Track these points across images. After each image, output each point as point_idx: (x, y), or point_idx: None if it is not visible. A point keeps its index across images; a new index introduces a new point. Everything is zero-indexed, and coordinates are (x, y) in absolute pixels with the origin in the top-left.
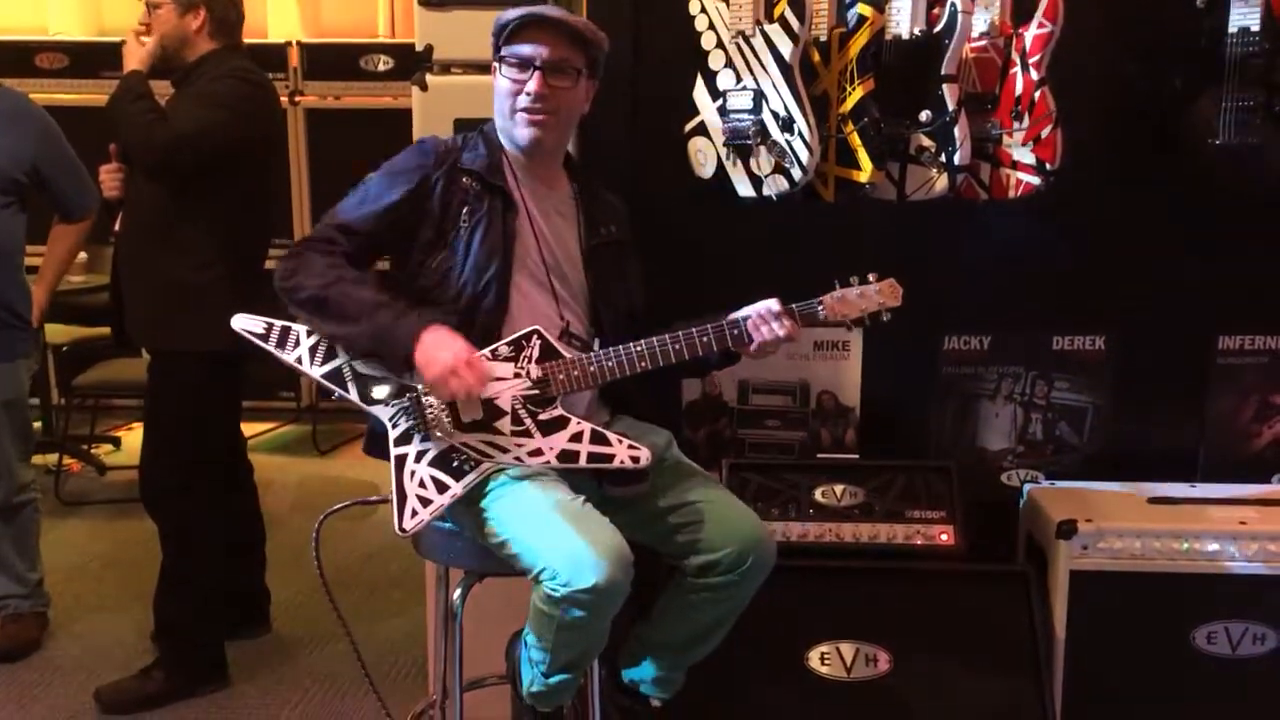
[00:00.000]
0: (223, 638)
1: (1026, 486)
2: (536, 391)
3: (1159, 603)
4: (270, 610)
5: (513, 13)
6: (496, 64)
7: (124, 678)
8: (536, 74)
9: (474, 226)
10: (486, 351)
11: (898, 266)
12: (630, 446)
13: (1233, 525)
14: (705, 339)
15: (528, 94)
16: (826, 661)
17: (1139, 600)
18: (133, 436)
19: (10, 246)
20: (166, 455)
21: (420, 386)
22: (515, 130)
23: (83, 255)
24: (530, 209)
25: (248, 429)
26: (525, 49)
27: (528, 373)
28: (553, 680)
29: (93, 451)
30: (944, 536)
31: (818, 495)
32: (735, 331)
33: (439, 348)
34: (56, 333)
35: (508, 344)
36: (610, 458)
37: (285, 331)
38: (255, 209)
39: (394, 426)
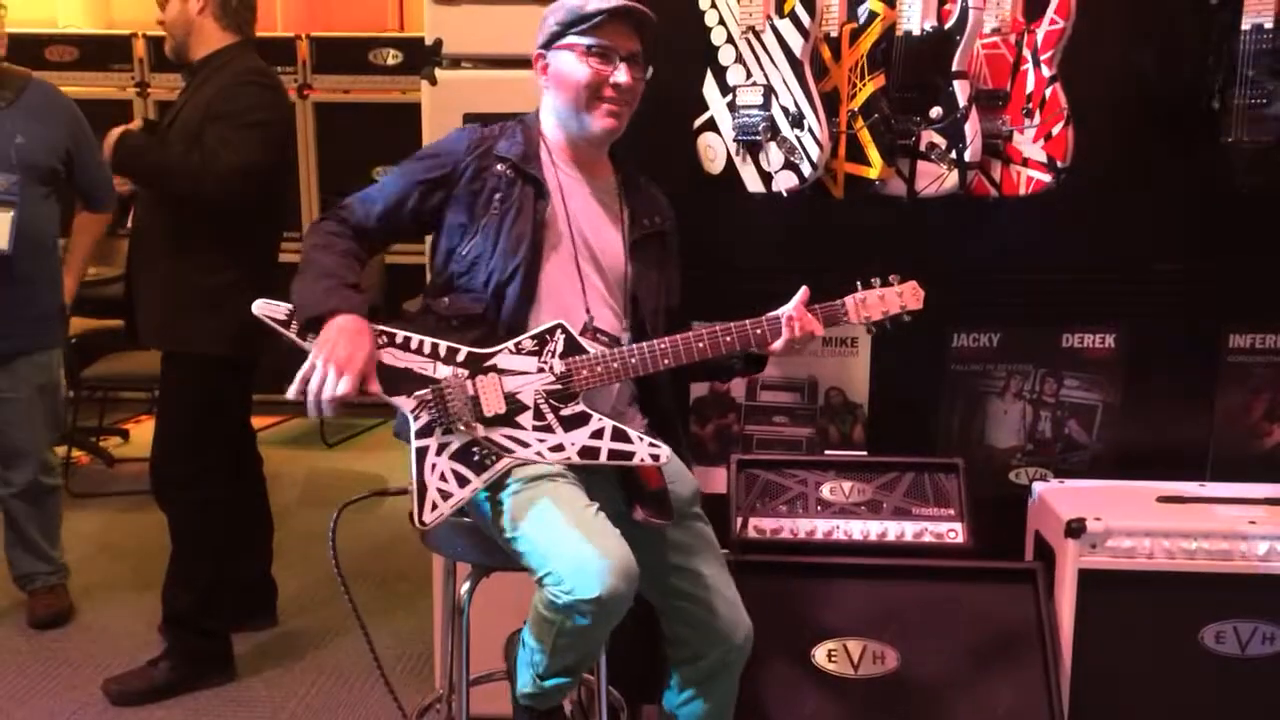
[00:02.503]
0: (230, 629)
1: (1035, 484)
2: (559, 387)
3: (1168, 602)
4: (277, 602)
5: (601, 2)
6: (570, 51)
7: (131, 669)
8: (624, 65)
9: (504, 213)
10: (510, 344)
11: (907, 263)
12: (651, 444)
13: (1242, 525)
14: (729, 338)
15: (615, 85)
16: (833, 658)
17: (1148, 599)
18: (141, 429)
19: (50, 236)
20: (177, 450)
21: (443, 380)
22: (591, 120)
23: None
24: (565, 198)
25: (256, 421)
26: (612, 40)
27: (551, 368)
28: (547, 684)
29: (101, 444)
30: (952, 534)
31: (825, 492)
32: (759, 331)
33: (343, 336)
34: None
35: (531, 338)
36: (630, 455)
37: None
38: (269, 213)
39: (415, 419)
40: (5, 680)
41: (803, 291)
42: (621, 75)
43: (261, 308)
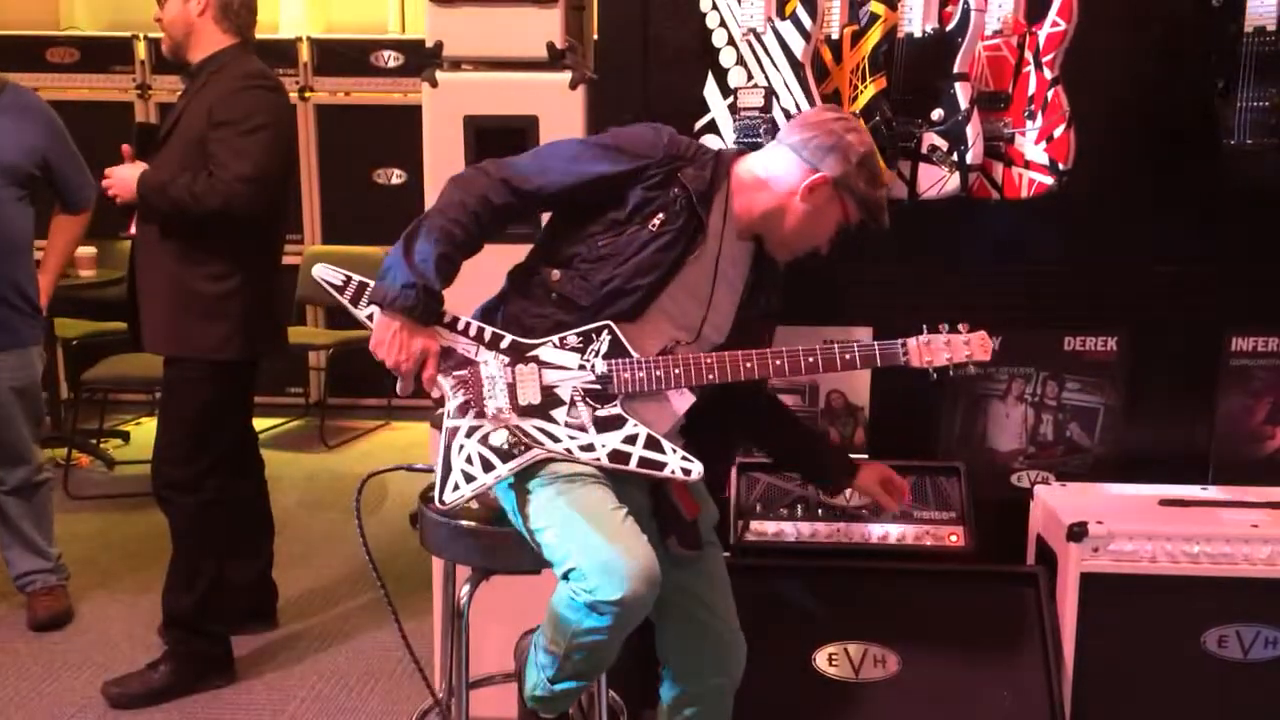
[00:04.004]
0: (230, 632)
1: (1037, 487)
2: (598, 387)
3: (1170, 605)
4: (277, 605)
5: (885, 218)
6: (841, 209)
7: (131, 672)
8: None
9: (658, 235)
10: (555, 338)
11: (908, 265)
12: (684, 457)
13: (1244, 528)
14: (779, 362)
15: (823, 246)
16: (834, 662)
17: (1150, 603)
18: (141, 431)
19: (24, 238)
20: (178, 453)
21: (484, 363)
22: (785, 250)
23: (92, 250)
24: (721, 249)
25: (256, 424)
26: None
27: (592, 366)
28: (558, 688)
29: (101, 446)
30: (954, 537)
31: (826, 495)
32: (810, 359)
33: (397, 340)
34: (67, 327)
35: (577, 334)
36: (662, 465)
37: (361, 288)
38: (271, 217)
39: (451, 398)
40: (5, 682)
41: (887, 475)
42: (827, 245)
43: (320, 271)
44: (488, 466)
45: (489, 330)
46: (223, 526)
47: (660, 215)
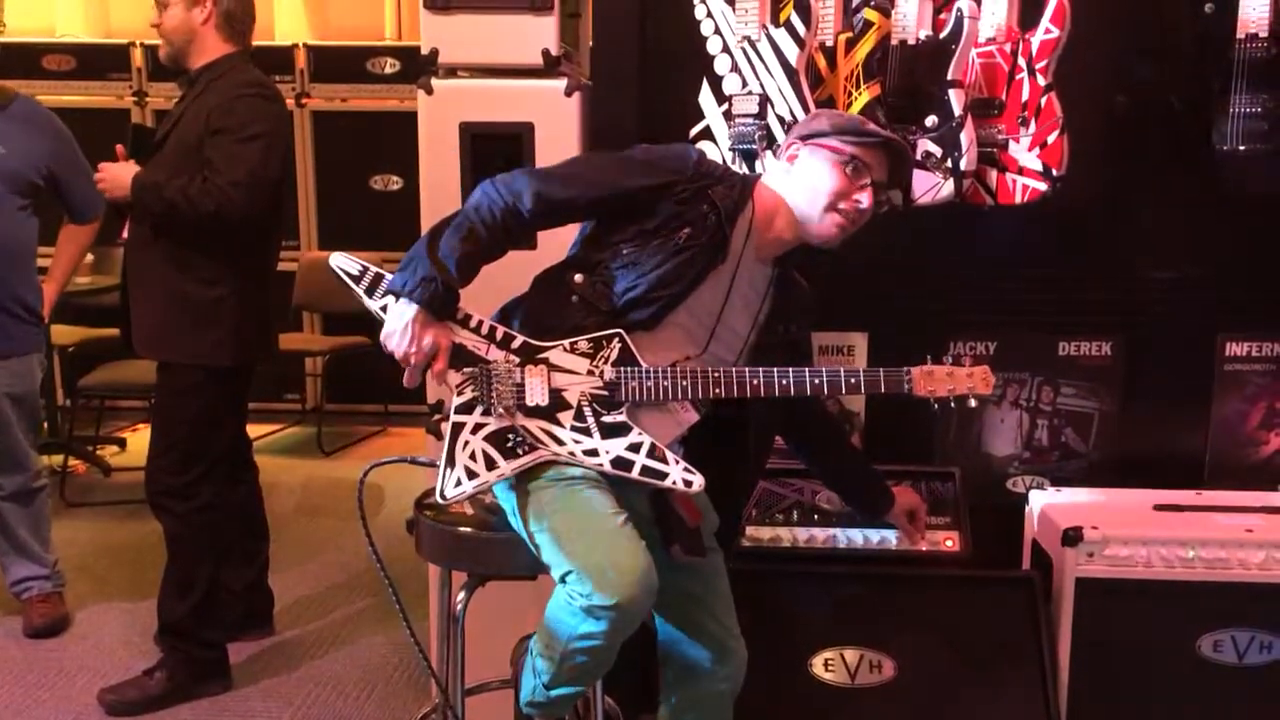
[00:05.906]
0: (226, 639)
1: (1032, 492)
2: (605, 393)
3: (1165, 610)
4: (273, 612)
5: (878, 131)
6: (828, 152)
7: (127, 679)
8: (870, 190)
9: (683, 249)
10: (566, 342)
11: (903, 271)
12: (686, 469)
13: (1239, 533)
14: (785, 382)
15: (857, 203)
16: (830, 668)
17: (1145, 608)
18: (138, 438)
19: (27, 247)
20: (172, 459)
21: (494, 361)
22: (816, 223)
23: (89, 256)
24: (738, 269)
25: (252, 430)
26: (871, 161)
27: (601, 373)
28: (554, 694)
29: (98, 452)
30: (949, 542)
31: (822, 501)
32: (816, 381)
33: (409, 331)
34: (63, 334)
35: (588, 340)
36: (664, 475)
37: (377, 279)
38: (267, 224)
39: (459, 394)
40: (1, 690)
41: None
42: (865, 197)
43: (337, 260)
44: (490, 464)
45: (501, 329)
46: (217, 533)
47: (688, 229)
